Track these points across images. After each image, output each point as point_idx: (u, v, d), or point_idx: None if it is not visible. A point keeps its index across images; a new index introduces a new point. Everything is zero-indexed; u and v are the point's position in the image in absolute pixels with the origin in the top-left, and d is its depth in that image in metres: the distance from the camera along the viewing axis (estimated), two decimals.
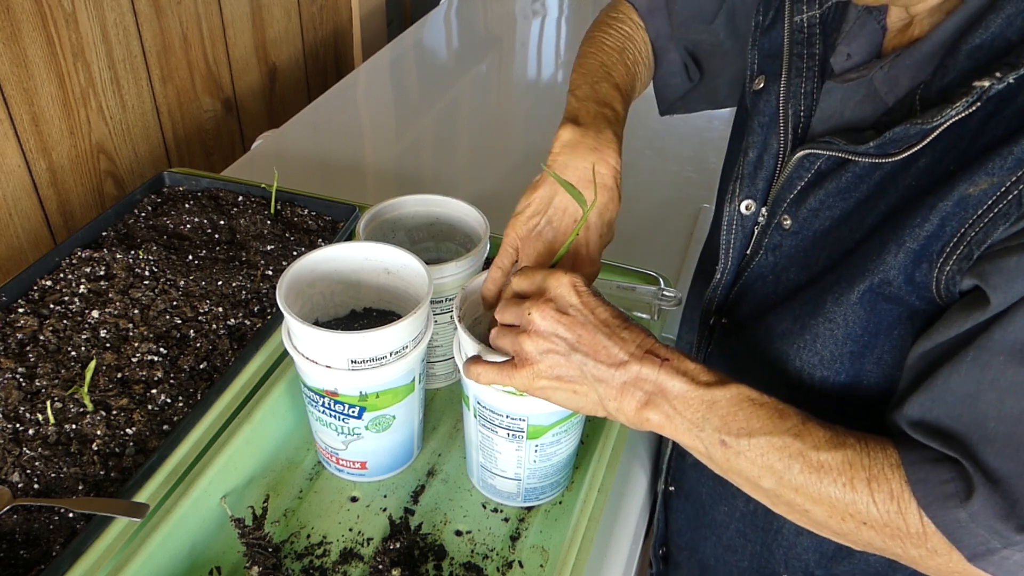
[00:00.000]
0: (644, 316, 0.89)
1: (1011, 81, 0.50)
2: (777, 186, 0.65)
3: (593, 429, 0.85)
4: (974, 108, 0.52)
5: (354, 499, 0.77)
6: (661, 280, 0.96)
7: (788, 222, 0.63)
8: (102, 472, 0.67)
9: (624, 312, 0.61)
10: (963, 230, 0.52)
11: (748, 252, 0.68)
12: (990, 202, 0.50)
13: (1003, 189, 0.50)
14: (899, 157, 0.56)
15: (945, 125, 0.53)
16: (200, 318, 0.83)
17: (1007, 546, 0.49)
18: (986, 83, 0.51)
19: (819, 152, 0.61)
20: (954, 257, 0.52)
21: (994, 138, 0.51)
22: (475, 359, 0.64)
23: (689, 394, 0.56)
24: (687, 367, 0.57)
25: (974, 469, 0.49)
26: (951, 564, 0.51)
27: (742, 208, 0.68)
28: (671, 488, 0.82)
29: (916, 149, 0.55)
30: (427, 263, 0.75)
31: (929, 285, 0.54)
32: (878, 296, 0.56)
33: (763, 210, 0.67)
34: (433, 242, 0.91)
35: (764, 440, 0.54)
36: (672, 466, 0.81)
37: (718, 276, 0.71)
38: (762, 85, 0.68)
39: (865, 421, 0.56)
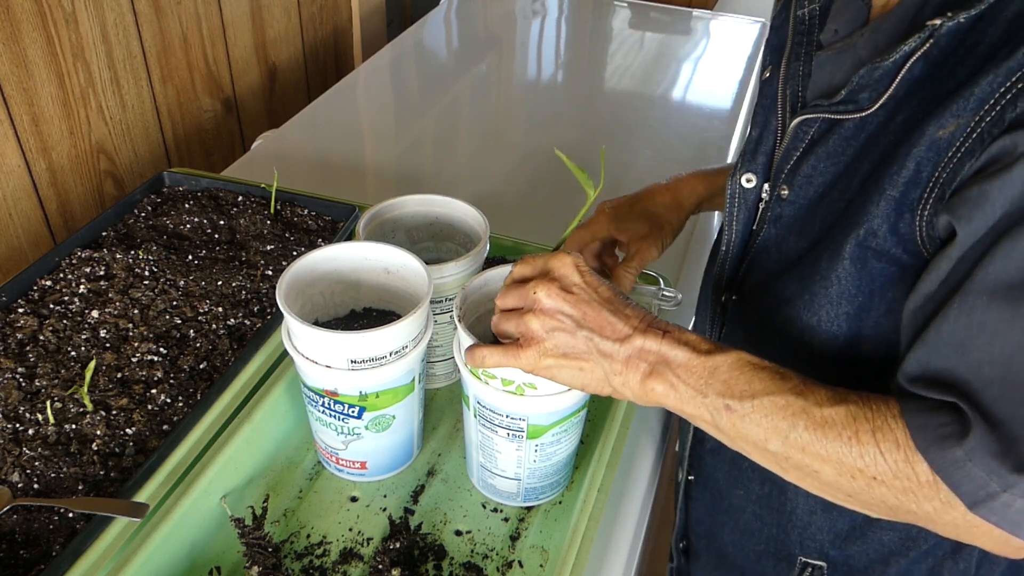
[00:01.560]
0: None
1: (961, 20, 0.54)
2: (777, 159, 0.67)
3: (593, 429, 0.85)
4: (927, 45, 0.55)
5: (354, 499, 0.77)
6: (661, 280, 0.96)
7: (786, 192, 0.65)
8: (102, 472, 0.67)
9: (623, 292, 0.62)
10: (936, 173, 0.53)
11: (754, 228, 0.70)
12: (958, 143, 0.52)
13: (968, 129, 0.52)
14: (873, 108, 0.59)
15: (905, 65, 0.56)
16: (200, 318, 0.83)
17: (1006, 489, 0.48)
18: (937, 21, 0.54)
19: (811, 117, 0.63)
20: (931, 202, 0.54)
21: (957, 83, 0.54)
22: (477, 345, 0.65)
23: (692, 362, 0.57)
24: (688, 338, 0.59)
25: (972, 411, 0.50)
26: (968, 517, 0.51)
27: (743, 181, 0.70)
28: (690, 477, 0.83)
29: (887, 97, 0.58)
30: (427, 263, 0.75)
31: (914, 237, 0.55)
32: (867, 251, 0.58)
33: (766, 185, 0.69)
34: (433, 242, 0.91)
35: (767, 400, 0.55)
36: (691, 455, 0.82)
37: (723, 249, 0.73)
38: (768, 75, 0.71)
39: (869, 388, 0.57)
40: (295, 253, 0.94)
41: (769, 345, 0.66)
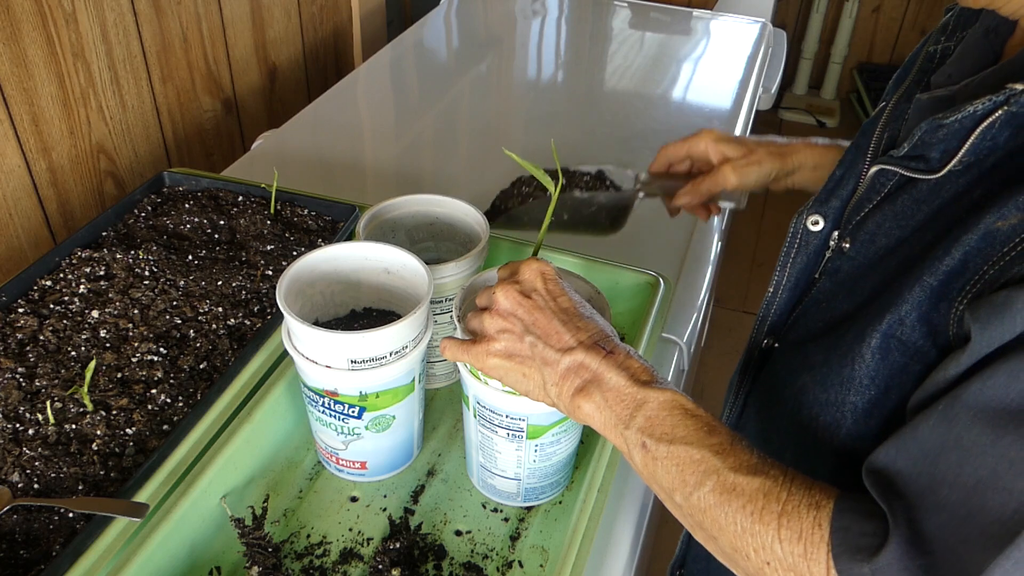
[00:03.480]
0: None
1: None
2: (850, 206, 0.62)
3: (593, 429, 0.85)
4: (1001, 111, 0.48)
5: (354, 499, 0.77)
6: (661, 280, 0.95)
7: (847, 245, 0.61)
8: (102, 472, 0.67)
9: (589, 306, 0.61)
10: (984, 267, 0.47)
11: (815, 276, 0.65)
12: (1017, 239, 0.46)
13: None
14: (943, 171, 0.52)
15: (976, 129, 0.49)
16: (200, 318, 0.83)
17: None
18: (1019, 85, 0.48)
19: (888, 169, 0.58)
20: (970, 295, 0.47)
21: None
22: (447, 338, 0.65)
23: (623, 389, 0.56)
24: (631, 364, 0.57)
25: (896, 527, 0.45)
26: None
27: (808, 223, 0.65)
28: None
29: (959, 163, 0.51)
30: (427, 263, 0.75)
31: (946, 329, 0.49)
32: (891, 340, 0.52)
33: (835, 233, 0.63)
34: (433, 242, 0.91)
35: (682, 450, 0.52)
36: None
37: (770, 291, 0.68)
38: (877, 111, 0.66)
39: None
40: (295, 253, 0.94)
41: (782, 414, 0.62)
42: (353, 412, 0.72)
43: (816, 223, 0.64)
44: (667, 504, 0.56)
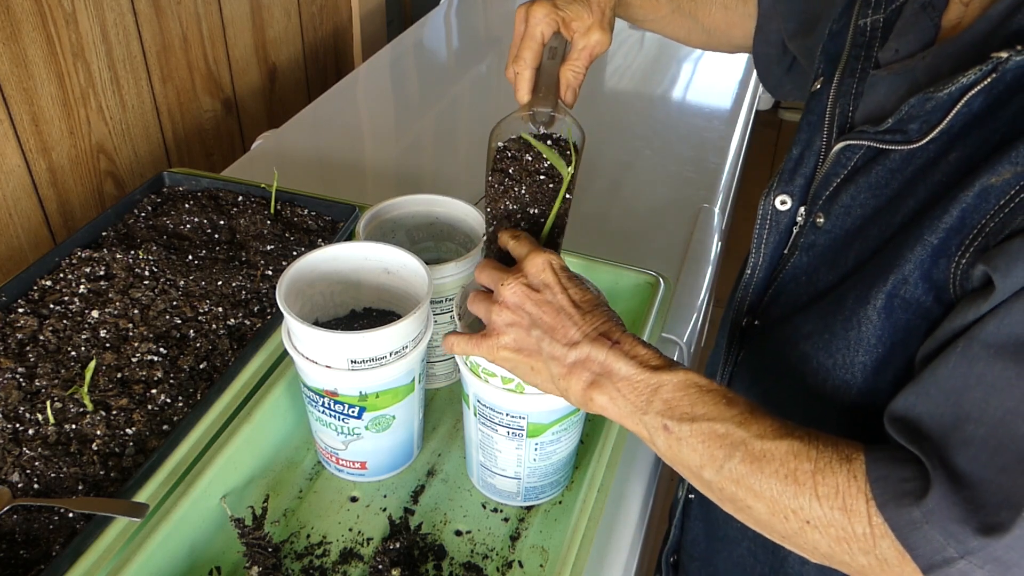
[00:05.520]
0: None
1: None
2: (816, 183, 0.64)
3: (593, 428, 0.85)
4: (989, 79, 0.50)
5: (354, 499, 0.77)
6: (662, 280, 0.95)
7: (821, 219, 0.62)
8: (102, 472, 0.67)
9: (600, 295, 0.61)
10: (983, 222, 0.49)
11: (785, 252, 0.67)
12: (1012, 192, 0.48)
13: None
14: (923, 141, 0.54)
15: (963, 99, 0.51)
16: (200, 318, 0.83)
17: (964, 555, 0.45)
18: (1004, 54, 0.49)
19: (856, 144, 0.59)
20: (971, 250, 0.50)
21: (1020, 126, 0.50)
22: (451, 332, 0.65)
23: (635, 377, 0.56)
24: (638, 351, 0.57)
25: (934, 468, 0.47)
26: None
27: (776, 203, 0.66)
28: (691, 496, 0.81)
29: (939, 132, 0.53)
30: (427, 263, 0.75)
31: (947, 285, 0.51)
32: (894, 300, 0.54)
33: (801, 209, 0.65)
34: (433, 242, 0.91)
35: (706, 426, 0.53)
36: None
37: (748, 273, 0.70)
38: (819, 86, 0.67)
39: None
40: (295, 253, 0.93)
41: (782, 383, 0.63)
42: (353, 412, 0.72)
43: (784, 203, 0.66)
44: (695, 483, 0.56)
